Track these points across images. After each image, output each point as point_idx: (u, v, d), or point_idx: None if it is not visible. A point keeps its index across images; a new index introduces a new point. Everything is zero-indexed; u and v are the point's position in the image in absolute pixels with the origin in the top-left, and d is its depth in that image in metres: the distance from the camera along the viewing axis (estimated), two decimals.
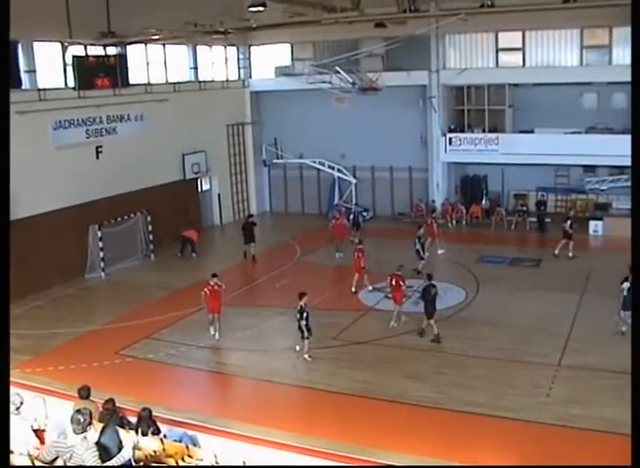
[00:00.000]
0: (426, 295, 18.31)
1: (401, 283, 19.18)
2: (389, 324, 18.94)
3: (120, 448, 8.61)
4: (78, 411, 8.37)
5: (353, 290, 22.01)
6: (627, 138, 8.89)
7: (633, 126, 8.61)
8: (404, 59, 30.16)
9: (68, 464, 8.20)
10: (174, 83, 29.68)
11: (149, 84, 28.30)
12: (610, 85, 28.31)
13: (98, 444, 8.44)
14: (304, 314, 16.86)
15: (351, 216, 26.89)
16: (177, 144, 29.11)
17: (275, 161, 34.45)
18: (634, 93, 8.59)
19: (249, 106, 34.49)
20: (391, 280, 19.27)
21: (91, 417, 8.37)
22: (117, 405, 11.90)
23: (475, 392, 14.86)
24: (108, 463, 8.12)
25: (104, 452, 8.35)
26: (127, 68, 25.41)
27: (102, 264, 24.74)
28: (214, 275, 19.13)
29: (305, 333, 16.89)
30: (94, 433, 8.56)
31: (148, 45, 27.72)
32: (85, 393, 12.16)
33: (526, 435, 13.05)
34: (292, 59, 33.94)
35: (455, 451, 12.42)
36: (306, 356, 17.01)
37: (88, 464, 8.03)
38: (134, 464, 8.91)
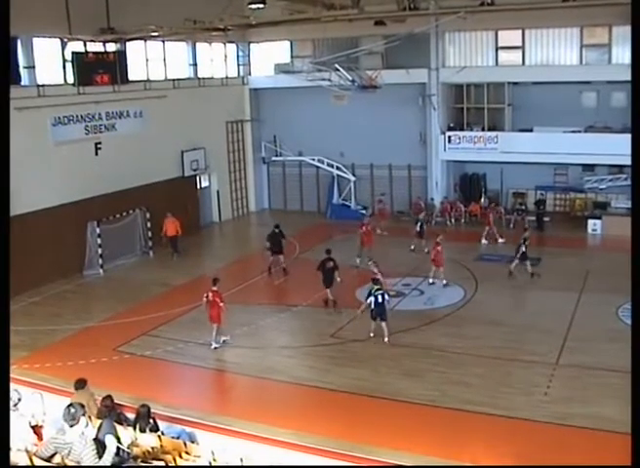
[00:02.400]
0: (322, 268, 20.52)
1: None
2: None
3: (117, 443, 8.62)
4: (69, 406, 8.39)
5: (430, 281, 22.35)
6: (626, 137, 8.91)
7: (633, 125, 8.61)
8: (403, 57, 30.12)
9: (66, 460, 8.22)
10: (173, 80, 29.66)
11: (149, 80, 28.28)
12: (609, 84, 28.35)
13: (95, 440, 8.45)
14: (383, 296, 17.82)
15: (418, 225, 26.25)
16: (176, 141, 29.09)
17: (274, 158, 34.51)
18: (634, 92, 8.58)
19: (248, 103, 34.47)
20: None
21: (83, 408, 8.38)
22: (115, 401, 11.92)
23: (472, 390, 14.87)
24: (100, 462, 8.11)
25: (102, 448, 8.37)
26: (126, 65, 25.43)
27: (101, 261, 24.72)
28: (215, 280, 18.15)
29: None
30: (91, 428, 8.56)
31: (148, 41, 27.74)
32: (80, 385, 12.18)
33: (523, 433, 13.05)
34: (291, 57, 33.90)
35: (450, 449, 12.42)
36: (386, 340, 17.62)
37: (85, 460, 8.05)
38: (128, 455, 8.92)
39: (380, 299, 17.64)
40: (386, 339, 17.58)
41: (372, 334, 17.87)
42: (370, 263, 20.43)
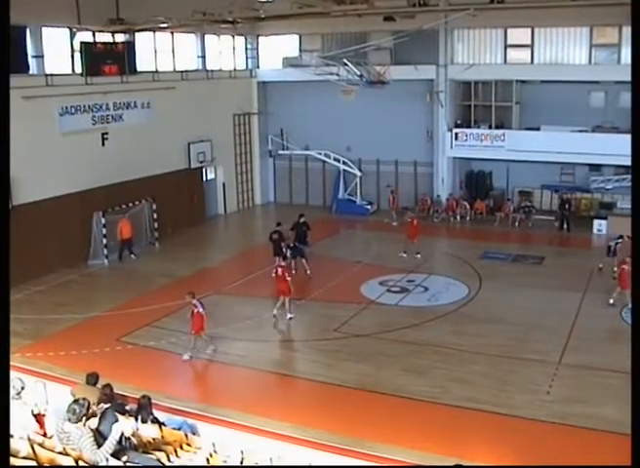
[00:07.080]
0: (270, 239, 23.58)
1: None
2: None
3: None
4: (76, 402, 8.42)
5: (611, 301, 19.57)
6: None
7: (633, 125, 8.60)
8: (412, 53, 30.06)
9: (68, 449, 8.26)
10: (181, 71, 29.67)
11: (157, 72, 28.29)
12: (618, 84, 28.15)
13: (96, 430, 8.48)
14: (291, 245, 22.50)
15: (612, 244, 22.66)
16: (183, 133, 29.10)
17: (281, 152, 34.49)
18: (634, 92, 8.56)
19: (256, 96, 34.47)
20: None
21: (88, 409, 8.41)
22: (118, 392, 11.95)
23: (474, 388, 14.87)
24: (101, 450, 8.14)
25: (102, 439, 8.39)
26: (134, 56, 25.44)
27: (106, 251, 24.77)
28: (284, 257, 21.20)
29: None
30: (92, 421, 8.59)
31: (157, 33, 27.72)
32: (92, 380, 12.17)
33: (524, 432, 13.05)
34: (300, 51, 33.87)
35: (451, 446, 12.41)
36: (309, 272, 22.40)
37: (85, 450, 8.08)
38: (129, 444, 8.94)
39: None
40: (308, 272, 22.47)
41: (294, 271, 22.00)
42: None
